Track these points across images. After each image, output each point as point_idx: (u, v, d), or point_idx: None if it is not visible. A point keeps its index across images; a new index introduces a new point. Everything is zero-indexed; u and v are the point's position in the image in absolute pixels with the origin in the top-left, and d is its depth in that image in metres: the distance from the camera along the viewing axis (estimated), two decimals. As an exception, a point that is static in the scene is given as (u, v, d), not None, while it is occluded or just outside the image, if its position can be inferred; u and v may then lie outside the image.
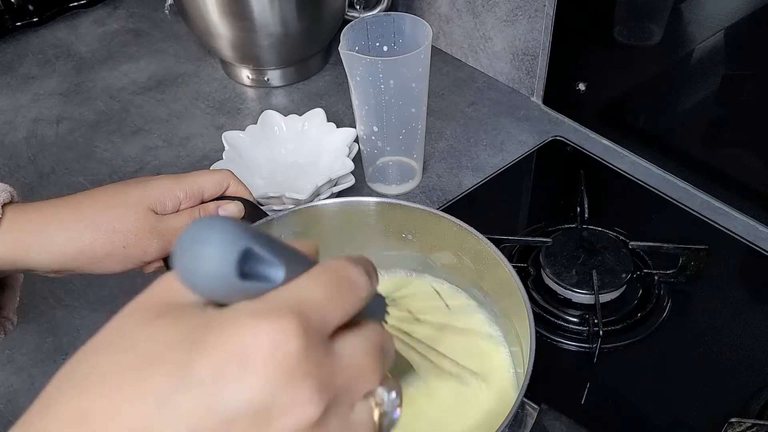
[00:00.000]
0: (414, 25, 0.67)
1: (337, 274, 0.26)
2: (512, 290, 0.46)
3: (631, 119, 0.79)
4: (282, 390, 0.23)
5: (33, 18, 1.02)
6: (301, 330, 0.23)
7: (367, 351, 0.26)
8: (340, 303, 0.26)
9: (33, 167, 0.80)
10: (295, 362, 0.23)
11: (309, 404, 0.23)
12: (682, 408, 0.55)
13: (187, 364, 0.23)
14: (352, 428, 0.26)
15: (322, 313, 0.25)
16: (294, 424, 0.23)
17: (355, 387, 0.26)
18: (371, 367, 0.26)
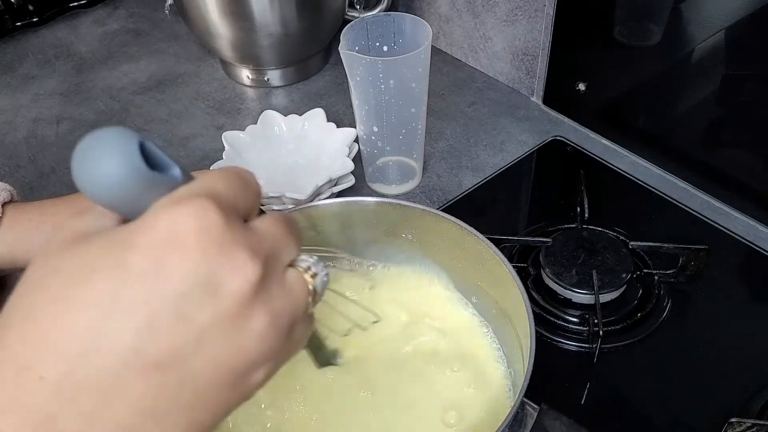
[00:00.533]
0: (414, 25, 0.67)
1: (234, 172, 0.28)
2: (512, 290, 0.46)
3: (631, 119, 0.79)
4: (219, 259, 0.25)
5: (33, 18, 1.02)
6: (219, 208, 0.26)
7: (279, 225, 0.29)
8: (242, 193, 0.28)
9: (33, 167, 0.80)
10: (222, 233, 0.25)
11: (247, 266, 0.26)
12: (682, 408, 0.55)
13: (124, 264, 0.24)
14: (289, 290, 0.28)
15: (231, 198, 0.27)
16: (240, 287, 0.25)
17: (280, 254, 0.28)
18: (287, 236, 0.29)
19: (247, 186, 0.28)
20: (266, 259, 0.27)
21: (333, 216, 0.54)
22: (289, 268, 0.29)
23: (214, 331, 0.25)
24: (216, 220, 0.25)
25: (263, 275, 0.26)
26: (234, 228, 0.26)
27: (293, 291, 0.28)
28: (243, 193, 0.28)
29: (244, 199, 0.28)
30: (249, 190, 0.28)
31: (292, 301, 0.28)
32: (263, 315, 0.26)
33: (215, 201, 0.26)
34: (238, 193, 0.28)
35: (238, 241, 0.26)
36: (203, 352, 0.25)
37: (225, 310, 0.25)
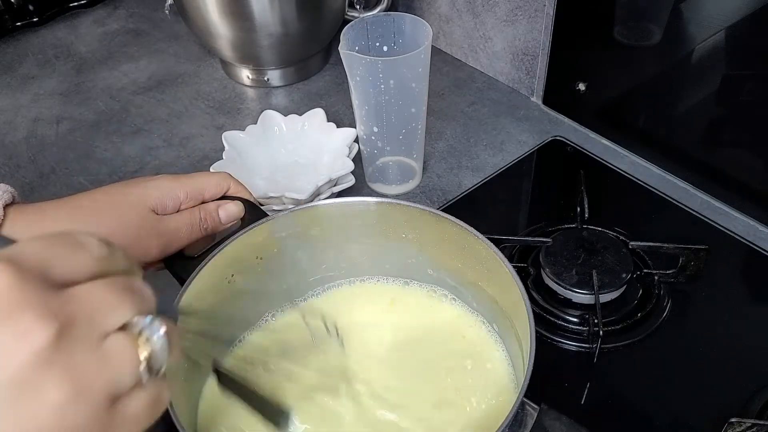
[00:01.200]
0: (414, 25, 0.67)
1: (59, 235, 0.27)
2: (512, 290, 0.46)
3: (631, 119, 0.79)
4: (4, 322, 0.23)
5: (33, 18, 1.02)
6: (13, 269, 0.24)
7: (108, 287, 0.27)
8: (63, 257, 0.26)
9: (33, 167, 0.80)
10: (12, 296, 0.23)
11: (33, 331, 0.24)
12: (682, 408, 0.55)
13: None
14: (105, 357, 0.26)
15: (40, 262, 0.25)
16: (28, 355, 0.23)
17: (98, 317, 0.26)
18: (113, 299, 0.27)
19: (77, 250, 0.27)
20: (67, 322, 0.24)
21: (333, 216, 0.54)
22: (114, 333, 0.26)
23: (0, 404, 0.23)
24: (3, 282, 0.23)
25: (57, 340, 0.24)
26: (26, 289, 0.24)
27: (111, 358, 0.26)
28: (66, 257, 0.26)
29: (68, 264, 0.26)
30: (79, 254, 0.27)
31: (109, 369, 0.26)
32: (60, 384, 0.24)
33: (12, 263, 0.24)
34: (59, 257, 0.26)
35: (29, 303, 0.24)
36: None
37: (8, 379, 0.23)
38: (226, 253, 0.50)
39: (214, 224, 0.53)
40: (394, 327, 0.54)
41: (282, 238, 0.54)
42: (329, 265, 0.57)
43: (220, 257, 0.49)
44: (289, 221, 0.53)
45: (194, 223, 0.52)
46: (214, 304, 0.50)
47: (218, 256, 0.49)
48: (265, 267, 0.54)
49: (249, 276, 0.53)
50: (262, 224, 0.52)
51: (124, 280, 0.28)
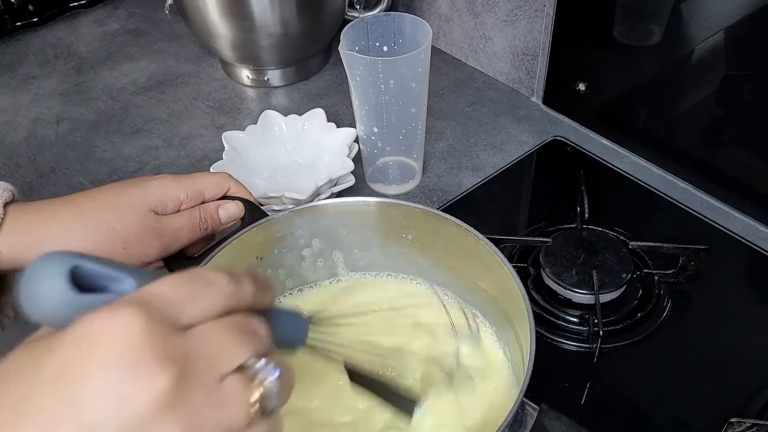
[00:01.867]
0: (414, 25, 0.67)
1: (190, 275, 0.28)
2: (512, 290, 0.46)
3: (631, 119, 0.79)
4: (129, 368, 0.24)
5: (33, 18, 1.02)
6: (144, 313, 0.25)
7: (227, 329, 0.28)
8: (191, 296, 0.27)
9: (33, 167, 0.80)
10: (139, 342, 0.24)
11: (156, 375, 0.24)
12: (682, 408, 0.55)
13: (37, 367, 0.24)
14: (220, 401, 0.26)
15: (170, 303, 0.26)
16: (148, 397, 0.24)
17: (217, 360, 0.27)
18: (233, 341, 0.27)
19: (206, 290, 0.28)
20: (187, 366, 0.25)
21: (333, 216, 0.54)
22: (230, 375, 0.27)
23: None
24: (134, 328, 0.25)
25: (178, 386, 0.25)
26: (154, 334, 0.25)
27: (226, 401, 0.27)
28: (195, 299, 0.27)
29: (196, 301, 0.27)
30: (207, 294, 0.28)
31: (225, 412, 0.26)
32: (178, 426, 0.25)
33: (143, 307, 0.25)
34: (187, 296, 0.27)
35: (153, 347, 0.25)
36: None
37: (130, 422, 0.24)
38: (226, 253, 0.50)
39: (215, 224, 0.53)
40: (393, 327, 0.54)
41: (282, 238, 0.54)
42: (329, 265, 0.57)
43: (220, 257, 0.49)
44: (289, 221, 0.53)
45: (194, 223, 0.52)
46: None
47: (218, 256, 0.49)
48: (265, 267, 0.54)
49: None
50: (262, 224, 0.52)
51: (244, 321, 0.28)
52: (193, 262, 0.51)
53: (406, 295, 0.57)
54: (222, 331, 0.27)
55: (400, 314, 0.54)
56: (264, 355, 0.29)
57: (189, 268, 0.29)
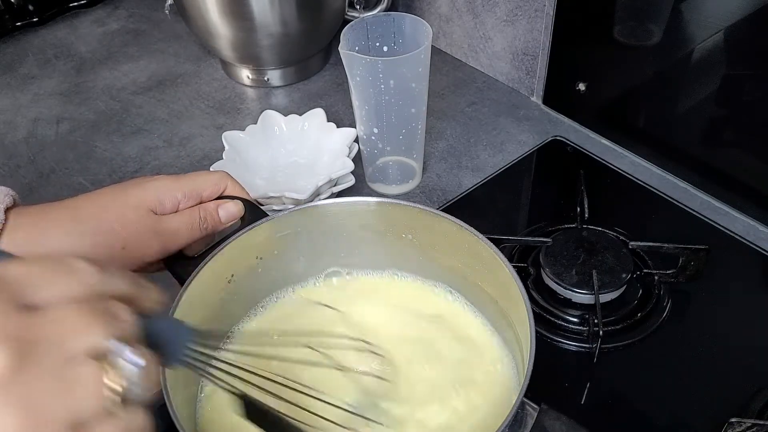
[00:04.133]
0: (414, 25, 0.67)
1: (51, 259, 0.27)
2: (512, 290, 0.46)
3: (631, 119, 0.79)
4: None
5: (33, 18, 1.02)
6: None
7: (79, 310, 0.26)
8: (45, 278, 0.26)
9: (33, 167, 0.80)
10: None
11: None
12: (682, 408, 0.55)
13: None
14: (70, 384, 0.25)
15: (17, 281, 0.25)
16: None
17: (65, 340, 0.25)
18: (83, 323, 0.26)
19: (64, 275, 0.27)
20: (28, 345, 0.24)
21: (333, 216, 0.54)
22: (81, 358, 0.25)
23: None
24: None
25: (17, 363, 0.23)
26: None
27: (74, 385, 0.25)
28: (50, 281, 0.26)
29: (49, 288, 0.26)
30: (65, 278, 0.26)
31: (71, 397, 0.25)
32: (15, 408, 0.23)
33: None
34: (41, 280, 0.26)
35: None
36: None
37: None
38: (226, 253, 0.50)
39: (214, 223, 0.53)
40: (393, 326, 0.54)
41: (282, 238, 0.54)
42: (329, 265, 0.57)
43: (220, 257, 0.49)
44: (289, 221, 0.53)
45: (194, 222, 0.52)
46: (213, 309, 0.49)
47: (218, 256, 0.49)
48: (265, 267, 0.54)
49: (249, 276, 0.53)
50: (262, 224, 0.52)
51: (103, 304, 0.27)
52: (193, 262, 0.51)
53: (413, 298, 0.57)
54: (73, 312, 0.26)
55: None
56: (126, 343, 0.27)
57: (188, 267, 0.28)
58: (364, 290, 0.57)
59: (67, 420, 0.25)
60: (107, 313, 0.27)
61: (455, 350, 0.53)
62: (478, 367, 0.51)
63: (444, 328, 0.54)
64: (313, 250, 0.56)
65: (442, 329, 0.54)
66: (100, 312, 0.26)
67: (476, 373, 0.51)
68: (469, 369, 0.51)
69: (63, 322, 0.25)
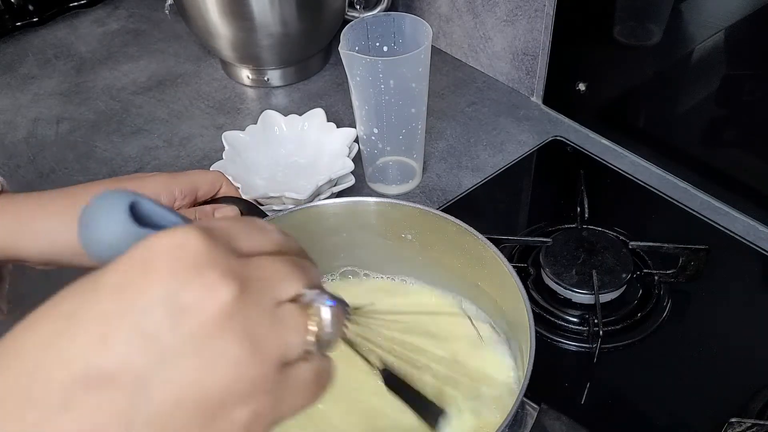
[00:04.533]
0: (414, 25, 0.67)
1: (245, 219, 0.29)
2: (512, 290, 0.46)
3: (631, 119, 0.79)
4: (187, 278, 0.24)
5: (33, 18, 1.02)
6: (204, 235, 0.25)
7: (282, 261, 0.28)
8: (247, 234, 0.28)
9: (33, 167, 0.80)
10: (197, 257, 0.25)
11: (217, 288, 0.25)
12: (682, 408, 0.55)
13: (96, 283, 0.25)
14: (278, 322, 0.26)
15: (228, 233, 0.27)
16: (212, 310, 0.24)
17: (274, 284, 0.27)
18: (287, 271, 0.28)
19: (259, 231, 0.29)
20: (247, 284, 0.26)
21: (333, 216, 0.54)
22: (286, 302, 0.27)
23: (176, 352, 0.24)
24: (193, 246, 0.25)
25: (239, 299, 0.25)
26: (213, 251, 0.25)
27: (283, 323, 0.27)
28: (250, 234, 0.28)
29: (251, 240, 0.28)
30: (260, 234, 0.28)
31: (282, 332, 0.26)
32: (240, 341, 0.25)
33: (203, 230, 0.26)
34: (243, 233, 0.28)
35: (214, 262, 0.25)
36: (163, 374, 0.24)
37: (188, 330, 0.24)
38: (226, 253, 0.50)
39: None
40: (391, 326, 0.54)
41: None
42: (329, 265, 0.57)
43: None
44: (289, 221, 0.53)
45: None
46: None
47: (218, 256, 0.49)
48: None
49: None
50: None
51: (297, 258, 0.29)
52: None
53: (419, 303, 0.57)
54: (277, 261, 0.28)
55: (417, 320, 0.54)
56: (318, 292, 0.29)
57: None
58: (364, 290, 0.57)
59: (278, 356, 0.26)
60: (303, 265, 0.29)
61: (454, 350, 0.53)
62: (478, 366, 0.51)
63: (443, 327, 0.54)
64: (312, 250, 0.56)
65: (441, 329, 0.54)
66: (298, 264, 0.29)
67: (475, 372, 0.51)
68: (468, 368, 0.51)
69: (271, 269, 0.27)
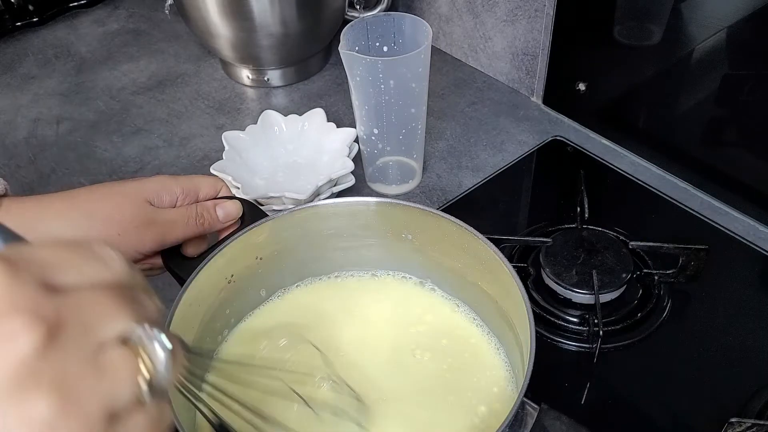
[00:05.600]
0: (414, 25, 0.67)
1: (76, 243, 0.26)
2: (512, 290, 0.46)
3: (631, 119, 0.79)
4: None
5: (33, 18, 1.02)
6: (8, 267, 0.22)
7: (107, 294, 0.25)
8: (70, 263, 0.25)
9: (33, 167, 0.80)
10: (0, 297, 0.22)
11: (21, 334, 0.22)
12: (682, 408, 0.55)
13: None
14: (103, 369, 0.24)
15: (43, 262, 0.24)
16: (10, 361, 0.22)
17: (94, 323, 0.24)
18: (112, 306, 0.25)
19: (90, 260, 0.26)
20: (59, 326, 0.23)
21: (333, 216, 0.54)
22: (112, 344, 0.24)
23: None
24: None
25: (46, 347, 0.22)
26: (18, 291, 0.22)
27: (107, 371, 0.24)
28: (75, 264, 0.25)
29: (74, 271, 0.25)
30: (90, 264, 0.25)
31: (105, 383, 0.24)
32: (48, 397, 0.22)
33: (9, 262, 0.23)
34: (66, 263, 0.25)
35: (17, 304, 0.22)
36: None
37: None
38: (226, 253, 0.50)
39: (212, 221, 0.53)
40: (392, 326, 0.54)
41: (282, 238, 0.54)
42: (329, 265, 0.57)
43: (219, 257, 0.49)
44: (289, 221, 0.53)
45: (190, 217, 0.52)
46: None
47: (218, 256, 0.49)
48: (265, 267, 0.54)
49: (249, 276, 0.53)
50: (262, 224, 0.52)
51: (129, 290, 0.26)
52: (193, 262, 0.51)
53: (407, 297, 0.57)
54: (101, 295, 0.25)
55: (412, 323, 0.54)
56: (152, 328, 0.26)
57: (188, 268, 0.27)
58: (364, 290, 0.58)
59: (102, 408, 0.23)
60: (135, 298, 0.26)
61: (454, 350, 0.53)
62: (478, 366, 0.51)
63: (443, 328, 0.54)
64: (312, 250, 0.56)
65: (442, 329, 0.54)
66: (129, 298, 0.26)
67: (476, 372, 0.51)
68: (468, 369, 0.51)
69: (92, 306, 0.24)
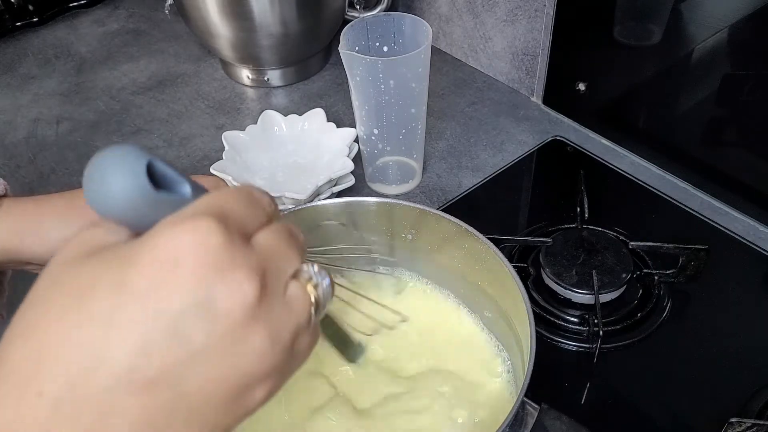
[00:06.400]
0: (414, 25, 0.67)
1: (243, 190, 0.29)
2: (512, 290, 0.46)
3: (631, 119, 0.79)
4: (215, 280, 0.25)
5: (33, 18, 1.02)
6: (222, 227, 0.26)
7: (282, 238, 0.29)
8: (250, 210, 0.28)
9: (33, 167, 0.80)
10: (220, 254, 0.25)
11: (243, 286, 0.26)
12: (682, 408, 0.55)
13: (123, 282, 0.25)
14: (290, 305, 0.28)
15: (237, 216, 0.27)
16: (236, 308, 0.25)
17: (281, 268, 0.28)
18: (289, 249, 0.29)
19: (257, 204, 0.29)
20: (265, 277, 0.27)
21: (333, 216, 0.54)
22: (291, 281, 0.29)
23: (209, 351, 0.25)
24: (214, 242, 0.25)
25: (261, 294, 0.26)
26: (234, 248, 0.26)
27: (294, 305, 0.28)
28: (251, 211, 0.28)
29: (253, 218, 0.28)
30: (258, 208, 0.29)
31: (294, 315, 0.28)
32: (262, 334, 0.26)
33: (220, 220, 0.26)
34: (247, 211, 0.28)
35: (237, 261, 0.26)
36: (197, 371, 0.25)
37: (220, 331, 0.25)
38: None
39: None
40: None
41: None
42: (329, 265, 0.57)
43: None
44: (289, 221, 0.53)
45: None
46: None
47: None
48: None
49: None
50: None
51: (288, 228, 0.30)
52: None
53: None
54: (278, 239, 0.29)
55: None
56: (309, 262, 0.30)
57: None
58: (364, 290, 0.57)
59: (291, 335, 0.28)
60: (296, 236, 0.30)
61: (454, 350, 0.53)
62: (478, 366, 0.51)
63: (443, 328, 0.54)
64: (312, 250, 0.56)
65: (441, 329, 0.54)
66: (292, 236, 0.29)
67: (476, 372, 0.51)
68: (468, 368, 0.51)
69: (278, 251, 0.28)
